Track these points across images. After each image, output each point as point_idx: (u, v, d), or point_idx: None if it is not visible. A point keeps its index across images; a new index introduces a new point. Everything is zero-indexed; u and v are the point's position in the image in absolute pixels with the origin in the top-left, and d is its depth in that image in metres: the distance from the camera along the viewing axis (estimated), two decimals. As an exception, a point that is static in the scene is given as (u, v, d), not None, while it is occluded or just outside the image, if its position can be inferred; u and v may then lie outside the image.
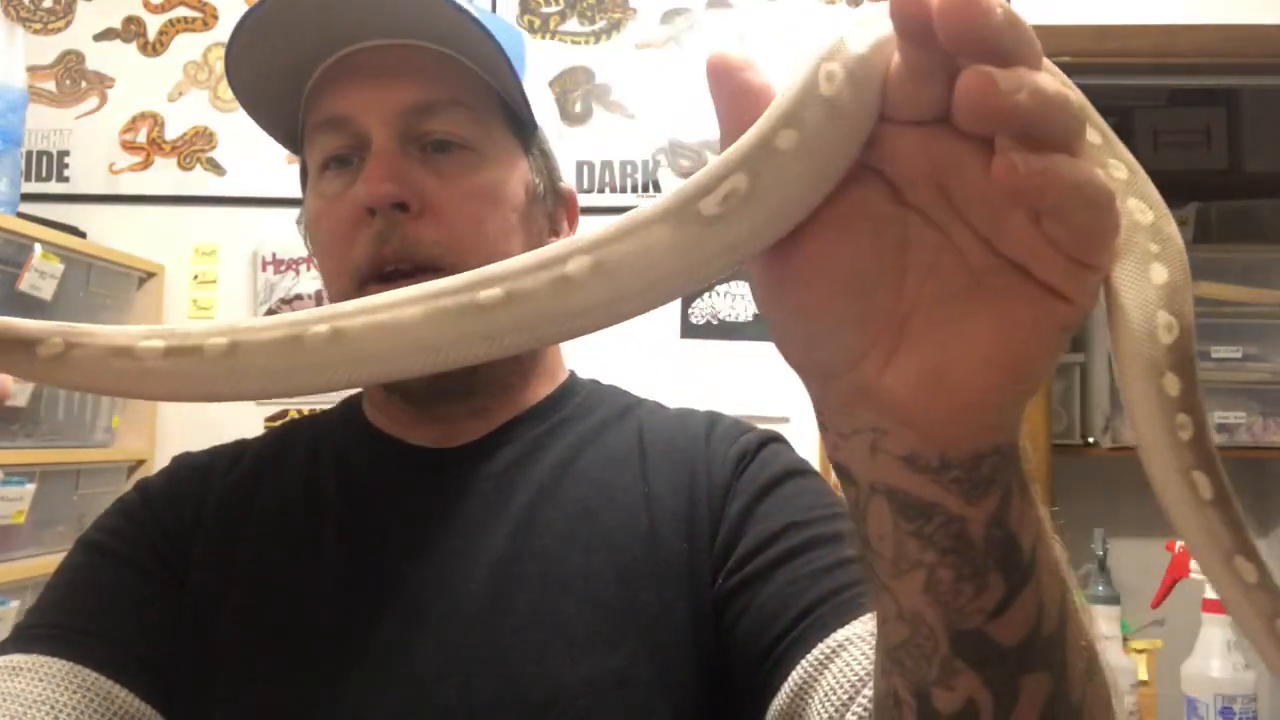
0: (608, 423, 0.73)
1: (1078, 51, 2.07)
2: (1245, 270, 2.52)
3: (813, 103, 0.29)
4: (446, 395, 0.68)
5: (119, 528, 0.69)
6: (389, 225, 0.63)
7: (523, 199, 0.69)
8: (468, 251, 0.64)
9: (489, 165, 0.67)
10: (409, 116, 0.65)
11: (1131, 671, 1.53)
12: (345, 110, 0.66)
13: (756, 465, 0.67)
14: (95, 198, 2.08)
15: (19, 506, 1.60)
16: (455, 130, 0.66)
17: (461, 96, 0.66)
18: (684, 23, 2.10)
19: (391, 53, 0.66)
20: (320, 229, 0.68)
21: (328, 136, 0.67)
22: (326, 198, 0.67)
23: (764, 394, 1.98)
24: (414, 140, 0.65)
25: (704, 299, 2.01)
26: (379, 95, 0.65)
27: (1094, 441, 2.51)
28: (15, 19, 2.10)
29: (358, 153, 0.66)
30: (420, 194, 0.64)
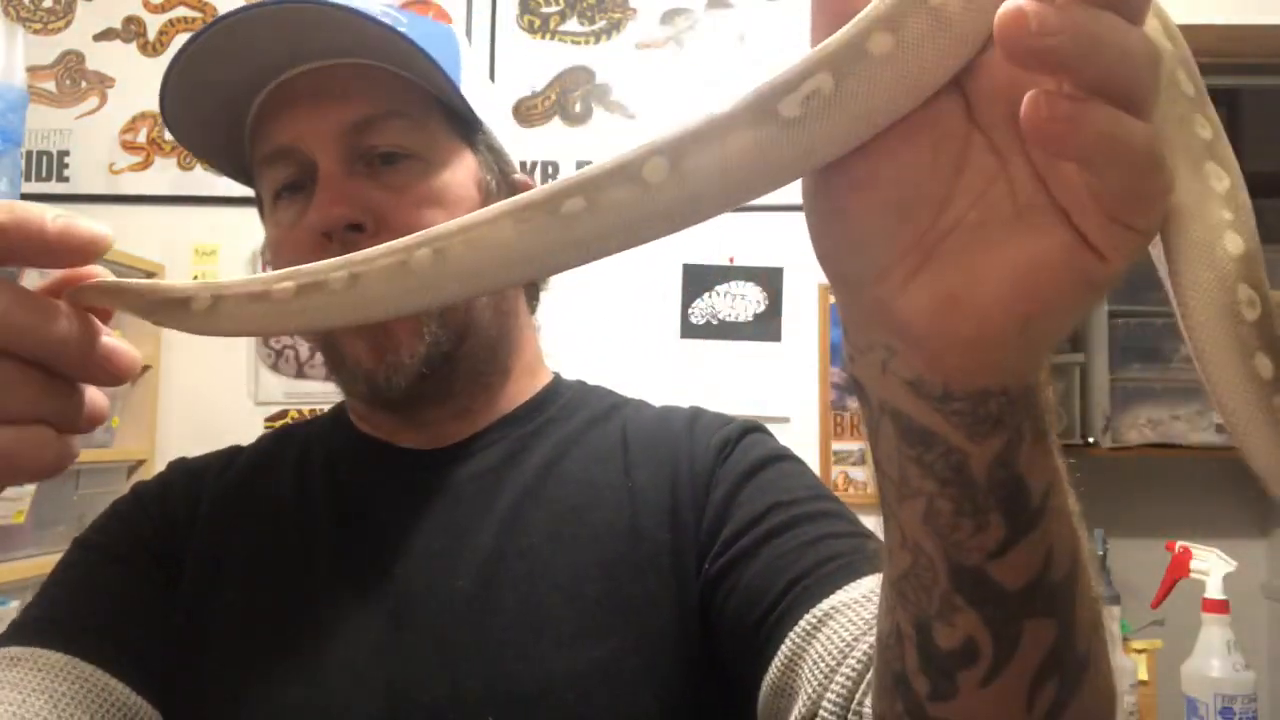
0: (593, 422, 0.73)
1: (1078, 51, 2.07)
2: (1245, 270, 2.52)
3: (916, 9, 0.27)
4: (427, 400, 0.69)
5: (113, 528, 0.70)
6: (346, 246, 0.62)
7: (476, 197, 0.70)
8: None
9: (436, 170, 0.67)
10: (350, 135, 0.65)
11: (1131, 671, 1.53)
12: (288, 139, 0.66)
13: (739, 453, 0.68)
14: (95, 198, 2.08)
15: (19, 506, 1.60)
16: (398, 141, 0.66)
17: (399, 107, 0.67)
18: (684, 23, 2.10)
19: (324, 74, 0.66)
20: (279, 257, 0.68)
21: (275, 168, 0.67)
22: (283, 226, 0.67)
23: (764, 394, 1.98)
24: (360, 157, 0.66)
25: (704, 299, 2.01)
26: (318, 119, 0.65)
27: (1094, 441, 2.51)
28: (15, 19, 2.10)
29: (309, 177, 0.66)
30: (372, 211, 0.64)
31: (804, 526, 0.61)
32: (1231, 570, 1.50)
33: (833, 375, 2.01)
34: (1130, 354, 2.49)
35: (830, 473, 1.96)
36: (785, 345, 2.01)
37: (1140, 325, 2.49)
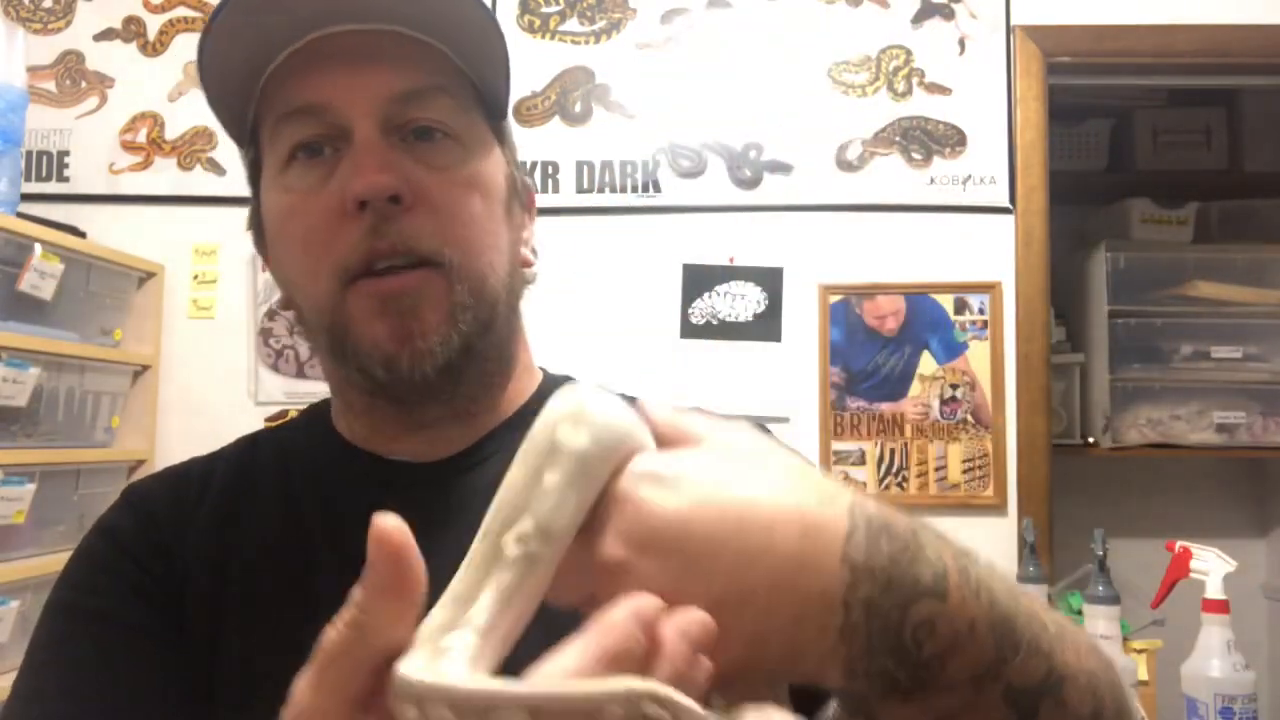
0: None
1: (1078, 51, 2.08)
2: (1245, 270, 2.52)
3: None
4: (436, 395, 0.64)
5: (99, 585, 0.63)
6: (381, 218, 0.59)
7: (504, 190, 0.67)
8: (463, 244, 0.62)
9: (473, 156, 0.65)
10: (392, 104, 0.61)
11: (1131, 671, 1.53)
12: (322, 97, 0.61)
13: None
14: (95, 198, 2.08)
15: (19, 506, 1.60)
16: (441, 119, 0.63)
17: (445, 84, 0.64)
18: (684, 23, 2.10)
19: (367, 38, 0.62)
20: (292, 224, 0.63)
21: (298, 124, 0.62)
22: (297, 191, 0.62)
23: (764, 394, 1.98)
24: (396, 129, 0.62)
25: (704, 299, 2.01)
26: (359, 81, 0.61)
27: (1094, 441, 2.51)
28: (15, 19, 2.10)
29: (331, 143, 0.62)
30: (412, 186, 0.60)
31: None
32: (1231, 570, 1.50)
33: (833, 375, 2.01)
34: (1130, 354, 2.48)
35: (830, 473, 1.96)
36: (785, 345, 2.01)
37: (1140, 325, 2.49)
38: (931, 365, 2.02)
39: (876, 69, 2.08)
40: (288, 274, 0.65)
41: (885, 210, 2.05)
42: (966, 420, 2.00)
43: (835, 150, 2.07)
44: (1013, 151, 2.05)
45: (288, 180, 0.63)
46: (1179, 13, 2.05)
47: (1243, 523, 2.84)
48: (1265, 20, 2.04)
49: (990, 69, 2.07)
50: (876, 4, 2.09)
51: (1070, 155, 2.83)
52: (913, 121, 2.07)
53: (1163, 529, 2.07)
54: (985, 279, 2.03)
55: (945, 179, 2.05)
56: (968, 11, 2.08)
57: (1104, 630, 1.53)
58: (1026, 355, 2.01)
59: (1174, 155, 2.84)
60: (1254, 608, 2.79)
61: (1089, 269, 2.58)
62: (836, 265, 2.04)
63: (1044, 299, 2.03)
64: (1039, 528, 1.89)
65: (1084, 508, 2.37)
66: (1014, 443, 1.99)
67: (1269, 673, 2.72)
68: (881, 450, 2.00)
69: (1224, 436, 2.45)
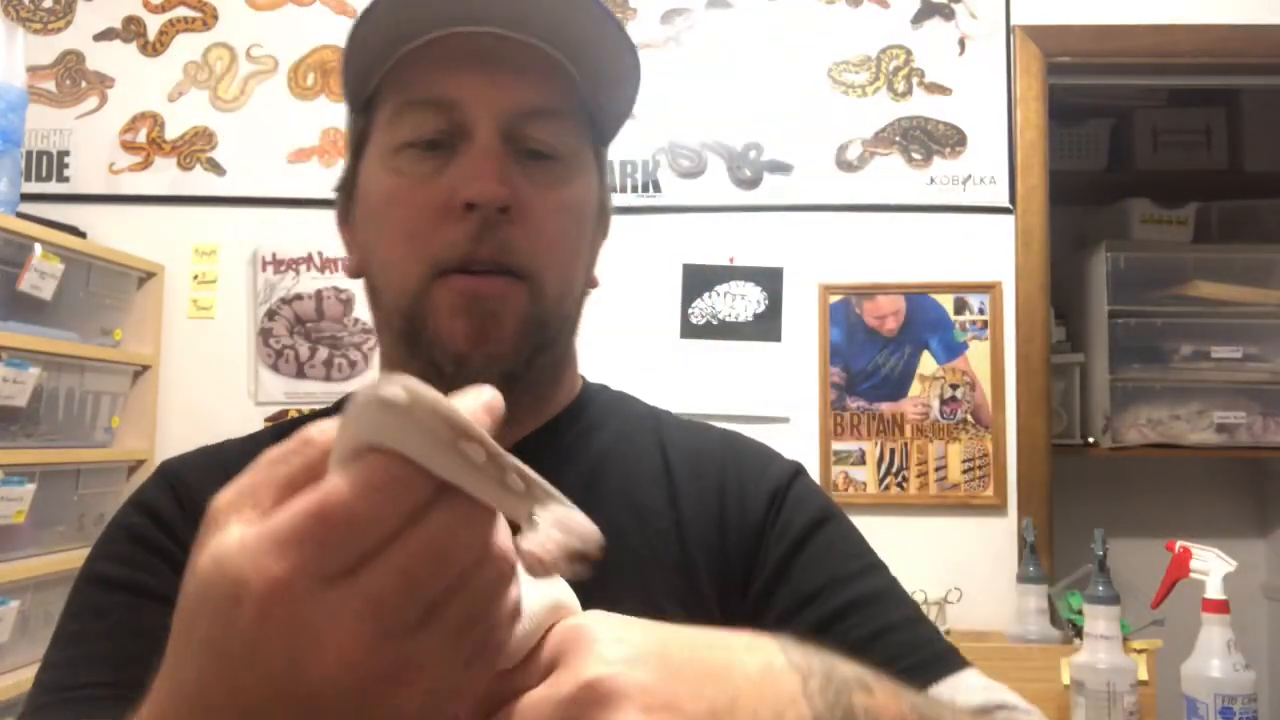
0: (625, 434, 0.72)
1: (1078, 51, 2.08)
2: (1245, 270, 2.52)
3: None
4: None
5: (135, 558, 0.63)
6: (486, 225, 0.61)
7: (593, 215, 0.70)
8: (551, 263, 0.64)
9: (574, 179, 0.67)
10: (518, 118, 0.63)
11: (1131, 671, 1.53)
12: (453, 95, 0.63)
13: (790, 507, 0.67)
14: (95, 198, 2.08)
15: (19, 506, 1.60)
16: (555, 142, 0.65)
17: (565, 107, 0.66)
18: (684, 23, 2.10)
19: (507, 45, 0.64)
20: (395, 208, 0.64)
21: (424, 115, 0.64)
22: (408, 177, 0.64)
23: (764, 394, 1.98)
24: (513, 142, 0.64)
25: (704, 299, 2.01)
26: (489, 88, 0.63)
27: (1094, 441, 2.51)
28: (15, 19, 2.10)
29: (450, 139, 0.63)
30: (520, 200, 0.62)
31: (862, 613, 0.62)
32: (1231, 570, 1.50)
33: (833, 375, 2.01)
34: (1130, 354, 2.48)
35: (830, 473, 1.96)
36: (785, 345, 2.01)
37: (1140, 325, 2.49)
38: (931, 365, 2.02)
39: (876, 69, 2.08)
40: (375, 252, 0.67)
41: (885, 210, 2.05)
42: (966, 420, 2.00)
43: (835, 150, 2.07)
44: (1013, 151, 2.05)
45: (399, 163, 0.64)
46: (1179, 13, 2.05)
47: (1243, 523, 2.84)
48: (1265, 20, 2.04)
49: (990, 69, 2.07)
50: (876, 4, 2.09)
51: (1070, 155, 2.83)
52: (913, 121, 2.07)
53: (1163, 529, 2.07)
54: (985, 279, 2.03)
55: (945, 179, 2.05)
56: (968, 11, 2.08)
57: (1104, 630, 1.53)
58: (1026, 355, 2.01)
59: (1174, 155, 2.84)
60: (1254, 608, 2.79)
61: (1089, 269, 2.58)
62: (836, 265, 2.04)
63: (1044, 299, 2.03)
64: (1039, 528, 1.89)
65: (1084, 508, 2.37)
66: (1014, 443, 1.99)
67: (1269, 673, 2.72)
68: (881, 450, 2.00)
69: (1224, 436, 2.45)
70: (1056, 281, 2.09)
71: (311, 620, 0.30)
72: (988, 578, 1.94)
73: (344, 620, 0.30)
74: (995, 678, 0.62)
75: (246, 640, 0.30)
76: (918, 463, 1.99)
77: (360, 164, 0.68)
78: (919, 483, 1.99)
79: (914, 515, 1.96)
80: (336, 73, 2.10)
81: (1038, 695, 1.82)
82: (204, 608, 0.31)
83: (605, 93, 0.68)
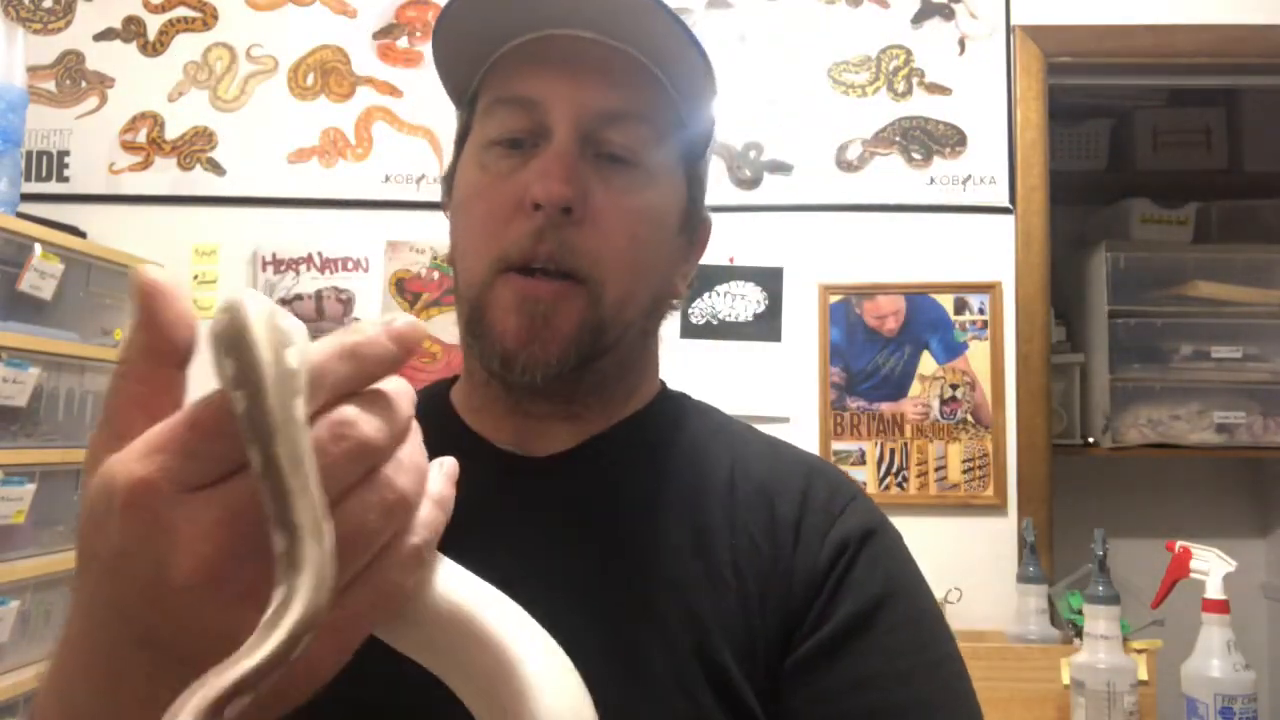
0: (696, 447, 0.70)
1: (1078, 51, 2.08)
2: (1245, 270, 2.52)
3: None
4: (545, 394, 0.66)
5: None
6: (550, 225, 0.62)
7: (674, 224, 0.69)
8: (617, 269, 0.64)
9: (654, 187, 0.67)
10: (595, 120, 0.64)
11: (1131, 671, 1.53)
12: (537, 94, 0.65)
13: (860, 572, 0.63)
14: (95, 198, 2.08)
15: (19, 506, 1.60)
16: (633, 146, 0.65)
17: (649, 113, 0.66)
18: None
19: (592, 48, 0.65)
20: (476, 202, 0.67)
21: (509, 113, 0.66)
22: (490, 172, 0.66)
23: (764, 394, 1.99)
24: (591, 144, 0.65)
25: (704, 299, 2.02)
26: (573, 90, 0.64)
27: (1094, 441, 2.51)
28: (15, 19, 2.10)
29: (532, 138, 0.65)
30: (587, 201, 0.63)
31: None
32: (1231, 570, 1.50)
33: (833, 375, 2.01)
34: (1130, 354, 2.48)
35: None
36: (785, 345, 2.01)
37: (1140, 325, 2.49)
38: (931, 365, 2.02)
39: (876, 69, 2.08)
40: (458, 241, 0.69)
41: (885, 210, 2.05)
42: (966, 420, 2.00)
43: (835, 150, 2.07)
44: (1013, 151, 2.05)
45: (485, 159, 0.66)
46: (1179, 13, 2.05)
47: (1243, 523, 2.84)
48: (1265, 20, 2.04)
49: (990, 69, 2.07)
50: (876, 4, 2.09)
51: (1070, 155, 2.83)
52: (913, 121, 2.07)
53: (1163, 529, 2.08)
54: (985, 279, 2.03)
55: (945, 179, 2.05)
56: (968, 11, 2.08)
57: (1104, 630, 1.53)
58: (1026, 355, 2.01)
59: (1174, 155, 2.84)
60: (1254, 608, 2.79)
61: (1089, 269, 2.58)
62: (836, 265, 2.03)
63: (1044, 299, 2.03)
64: (1039, 528, 1.89)
65: (1084, 508, 2.37)
66: (1014, 443, 1.99)
67: (1269, 673, 2.72)
68: (881, 450, 2.00)
69: (1224, 436, 2.45)
70: (1056, 281, 2.09)
71: (172, 523, 0.30)
72: (988, 578, 1.94)
73: (203, 526, 0.30)
74: (995, 678, 0.62)
75: (114, 543, 0.31)
76: (918, 463, 1.99)
77: (459, 157, 0.71)
78: (919, 483, 1.99)
79: (914, 515, 1.96)
80: (336, 73, 2.10)
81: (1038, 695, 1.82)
82: (86, 517, 0.32)
83: (691, 103, 0.69)
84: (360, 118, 2.09)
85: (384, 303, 2.03)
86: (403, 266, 2.05)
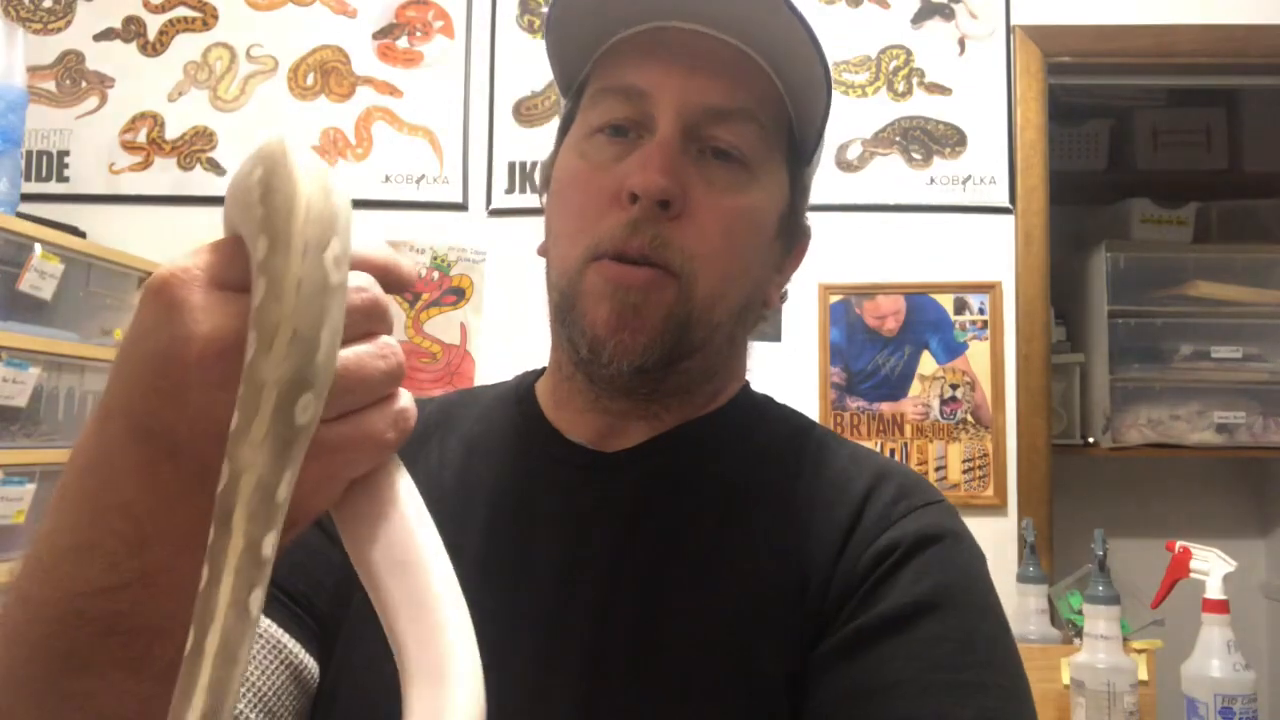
0: (771, 448, 0.69)
1: (1078, 51, 2.08)
2: (1245, 270, 2.52)
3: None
4: (628, 389, 0.65)
5: None
6: (645, 218, 0.61)
7: (772, 228, 0.68)
8: (709, 267, 0.63)
9: (757, 188, 0.66)
10: (702, 115, 0.63)
11: (1131, 671, 1.53)
12: (644, 84, 0.64)
13: (904, 576, 0.59)
14: (95, 198, 2.08)
15: (19, 506, 1.60)
16: (739, 144, 0.64)
17: (758, 112, 0.65)
18: (684, 23, 2.10)
19: (706, 42, 0.64)
20: (574, 190, 0.66)
21: (615, 102, 0.65)
22: (590, 161, 0.65)
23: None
24: (696, 140, 0.64)
25: (704, 299, 2.01)
26: (681, 83, 0.63)
27: (1094, 441, 2.51)
28: (15, 19, 2.10)
29: (636, 128, 0.64)
30: (686, 196, 0.62)
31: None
32: (1231, 570, 1.50)
33: (833, 375, 2.01)
34: (1130, 354, 2.49)
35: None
36: (785, 345, 2.01)
37: (1140, 325, 2.49)
38: (931, 365, 2.02)
39: (876, 69, 2.08)
40: (553, 229, 0.69)
41: (885, 210, 2.05)
42: (966, 420, 2.00)
43: (835, 150, 2.07)
44: (1013, 151, 2.05)
45: (587, 148, 0.66)
46: (1179, 13, 2.05)
47: (1243, 523, 2.84)
48: (1265, 20, 2.04)
49: (990, 69, 2.07)
50: (876, 4, 2.09)
51: (1070, 155, 2.83)
52: (913, 121, 2.07)
53: (1163, 529, 2.07)
54: (985, 279, 2.03)
55: (945, 179, 2.05)
56: (968, 11, 2.08)
57: (1104, 630, 1.53)
58: (1026, 355, 2.01)
59: (1174, 155, 2.84)
60: (1254, 608, 2.79)
61: (1089, 269, 2.58)
62: (836, 265, 2.03)
63: (1044, 299, 2.03)
64: (1039, 528, 1.89)
65: (1084, 508, 2.37)
66: (1014, 443, 1.99)
67: (1269, 673, 2.72)
68: (881, 450, 2.00)
69: (1224, 436, 2.45)
70: (1056, 281, 2.09)
71: (195, 305, 0.33)
72: (988, 578, 1.93)
73: (223, 315, 0.33)
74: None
75: (141, 322, 0.34)
76: (918, 463, 1.99)
77: (560, 146, 0.70)
78: (919, 483, 1.99)
79: (914, 515, 1.96)
80: (336, 73, 2.10)
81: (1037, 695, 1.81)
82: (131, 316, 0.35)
83: (803, 107, 0.68)
84: (360, 118, 2.09)
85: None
86: (403, 266, 2.05)
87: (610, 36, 0.66)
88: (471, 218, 2.06)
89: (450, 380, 1.99)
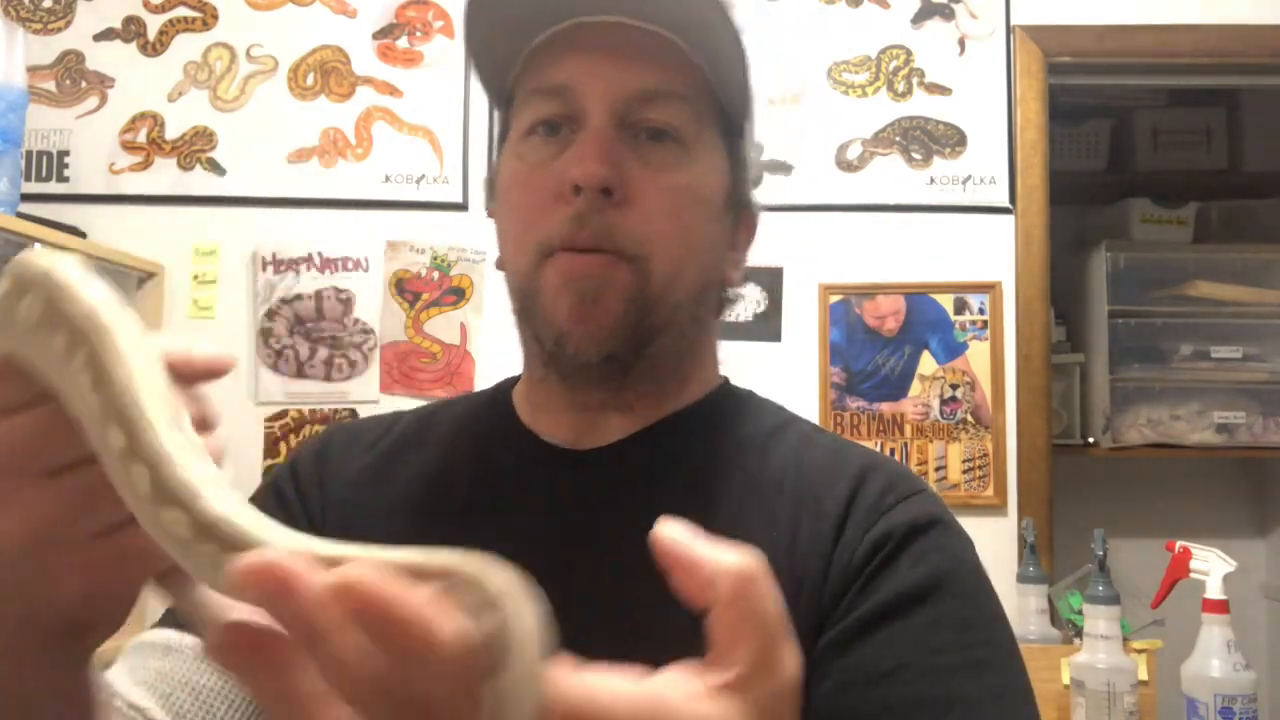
0: (752, 442, 0.69)
1: (1078, 51, 2.08)
2: (1245, 270, 2.52)
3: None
4: (600, 379, 0.65)
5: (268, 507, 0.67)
6: (590, 208, 0.62)
7: (719, 203, 0.69)
8: (660, 245, 0.64)
9: (695, 163, 0.66)
10: (630, 100, 0.64)
11: (1131, 671, 1.53)
12: (567, 80, 0.65)
13: (902, 564, 0.60)
14: (95, 198, 2.08)
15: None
16: (672, 122, 0.65)
17: (685, 90, 0.66)
18: (684, 23, 2.10)
19: (623, 31, 0.65)
20: (516, 192, 0.67)
21: (543, 101, 0.66)
22: (527, 163, 0.66)
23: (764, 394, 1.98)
24: (628, 126, 0.64)
25: (704, 299, 2.01)
26: (605, 73, 0.64)
27: (1094, 441, 2.51)
28: (15, 19, 2.10)
29: (568, 124, 0.65)
30: (625, 181, 0.63)
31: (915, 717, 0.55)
32: (1231, 570, 1.50)
33: (833, 375, 2.01)
34: (1130, 354, 2.49)
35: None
36: (785, 345, 2.01)
37: (1140, 325, 2.49)
38: (931, 365, 2.02)
39: (876, 69, 2.08)
40: (503, 234, 0.70)
41: (885, 210, 2.05)
42: (966, 420, 2.00)
43: (835, 150, 2.07)
44: (1013, 151, 2.05)
45: (523, 150, 0.67)
46: (1179, 13, 2.05)
47: (1243, 523, 2.84)
48: (1265, 20, 2.04)
49: (990, 69, 2.07)
50: (876, 4, 2.09)
51: (1070, 155, 2.83)
52: (913, 121, 2.07)
53: (1163, 529, 2.07)
54: (985, 279, 2.03)
55: (945, 179, 2.05)
56: (968, 11, 2.08)
57: (1104, 630, 1.53)
58: (1026, 355, 2.01)
59: (1174, 155, 2.84)
60: (1254, 608, 2.79)
61: (1089, 269, 2.58)
62: (836, 265, 2.04)
63: (1044, 299, 2.03)
64: (1039, 528, 1.89)
65: (1084, 508, 2.37)
66: (1014, 443, 1.99)
67: (1269, 673, 2.72)
68: (881, 450, 2.00)
69: (1224, 436, 2.45)
70: (1056, 281, 2.09)
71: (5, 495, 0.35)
72: (988, 578, 1.93)
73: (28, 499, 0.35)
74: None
75: None
76: (918, 463, 1.99)
77: (500, 158, 0.71)
78: (919, 483, 1.99)
79: (914, 515, 1.96)
80: (336, 73, 2.10)
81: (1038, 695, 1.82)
82: None
83: (727, 84, 0.68)
84: (360, 118, 2.09)
85: (384, 302, 2.03)
86: (402, 266, 2.05)
87: (529, 41, 0.67)
88: (471, 218, 2.06)
89: (450, 380, 1.99)
